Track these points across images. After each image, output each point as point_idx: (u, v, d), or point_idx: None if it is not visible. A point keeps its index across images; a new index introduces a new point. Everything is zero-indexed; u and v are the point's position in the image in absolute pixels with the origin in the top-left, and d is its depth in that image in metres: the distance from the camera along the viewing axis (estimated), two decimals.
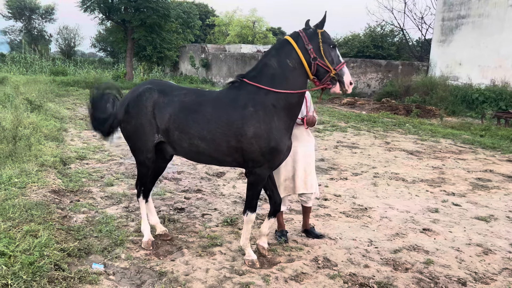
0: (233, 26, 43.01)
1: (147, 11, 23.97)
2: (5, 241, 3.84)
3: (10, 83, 17.57)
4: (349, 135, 12.10)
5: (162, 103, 4.03)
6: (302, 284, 3.81)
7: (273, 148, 3.87)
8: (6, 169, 6.22)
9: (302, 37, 3.92)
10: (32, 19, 52.75)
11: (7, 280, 3.28)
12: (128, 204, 5.61)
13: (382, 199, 6.43)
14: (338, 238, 4.87)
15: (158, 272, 3.87)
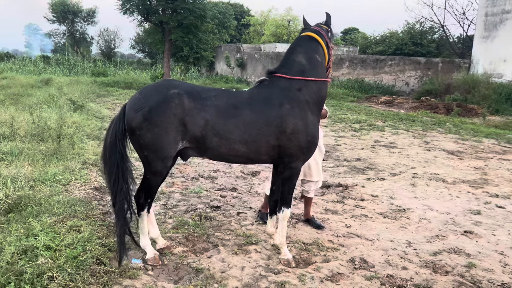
0: (268, 26, 42.98)
1: (184, 12, 24.36)
2: (51, 235, 3.99)
3: (54, 84, 18.26)
4: (387, 135, 11.88)
5: (195, 109, 3.67)
6: (338, 284, 3.77)
7: (310, 142, 3.94)
8: (51, 167, 6.47)
9: (323, 34, 4.14)
10: (75, 22, 54.65)
11: (52, 272, 3.42)
12: (166, 202, 5.71)
13: (421, 200, 6.27)
14: (375, 239, 4.79)
15: (195, 269, 3.92)
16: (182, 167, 7.55)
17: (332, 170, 7.85)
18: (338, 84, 24.65)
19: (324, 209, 5.72)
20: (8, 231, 4.11)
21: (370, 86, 24.86)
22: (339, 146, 10.06)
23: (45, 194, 5.22)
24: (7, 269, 3.34)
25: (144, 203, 4.01)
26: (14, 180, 5.61)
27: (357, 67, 25.99)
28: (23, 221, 4.37)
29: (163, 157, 3.77)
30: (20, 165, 6.44)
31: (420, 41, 31.64)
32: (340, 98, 21.64)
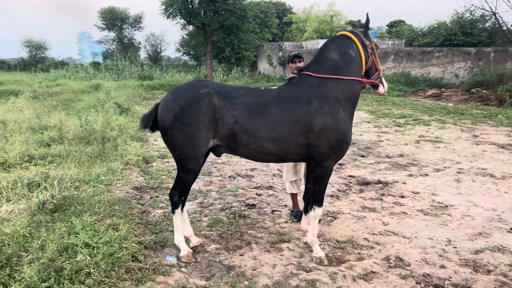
0: (310, 22, 42.60)
1: (224, 13, 24.61)
2: (90, 233, 4.17)
3: (103, 89, 19.01)
4: (433, 129, 11.46)
5: (224, 107, 3.74)
6: (371, 283, 3.69)
7: (340, 140, 3.86)
8: (95, 168, 6.76)
9: (359, 34, 4.10)
10: (123, 29, 56.61)
11: (90, 269, 3.57)
12: (202, 200, 5.81)
13: (465, 196, 6.01)
14: (413, 237, 4.64)
15: (226, 266, 3.97)
16: (220, 166, 7.64)
17: (373, 166, 7.67)
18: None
19: (362, 207, 5.60)
20: (53, 229, 4.33)
21: (417, 79, 24.08)
22: (381, 142, 9.82)
23: (88, 194, 5.46)
24: (48, 265, 3.52)
25: (178, 201, 4.09)
26: (61, 181, 5.91)
27: (403, 60, 25.24)
28: (67, 220, 4.59)
29: (195, 156, 3.85)
30: (67, 167, 6.76)
31: (471, 30, 30.21)
32: (386, 93, 21.07)
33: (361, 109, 15.57)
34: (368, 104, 17.10)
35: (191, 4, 25.32)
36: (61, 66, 35.01)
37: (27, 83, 22.40)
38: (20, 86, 20.78)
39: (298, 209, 5.15)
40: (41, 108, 13.28)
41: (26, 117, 10.82)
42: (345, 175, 7.12)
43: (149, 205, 5.52)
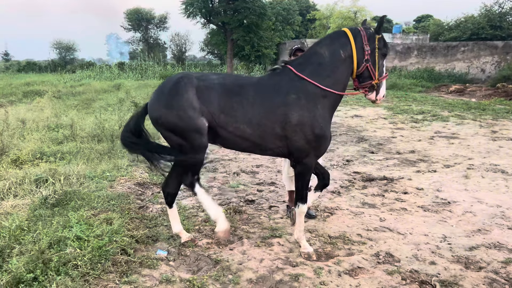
0: (334, 19, 42.13)
1: (244, 12, 24.65)
2: (84, 227, 4.26)
3: (123, 88, 19.38)
4: (450, 125, 11.18)
5: (203, 86, 3.78)
6: (356, 278, 3.65)
7: (318, 135, 3.79)
8: (102, 165, 6.91)
9: (362, 35, 3.88)
10: (148, 29, 57.45)
11: (77, 261, 3.66)
12: None
13: (471, 192, 5.85)
14: (407, 233, 4.56)
15: (214, 260, 3.99)
16: (226, 163, 7.68)
17: (380, 163, 7.56)
18: (405, 74, 23.64)
19: (361, 203, 5.53)
20: (50, 223, 4.45)
21: (440, 75, 23.54)
22: (394, 139, 9.65)
23: (89, 190, 5.59)
24: (37, 257, 3.62)
25: (193, 181, 4.06)
26: (67, 177, 6.07)
27: (427, 56, 24.70)
28: (65, 214, 4.72)
29: (195, 129, 3.75)
30: (76, 163, 6.94)
31: (500, 23, 29.34)
32: (408, 89, 20.72)
33: (379, 105, 15.32)
34: (388, 101, 16.81)
35: (211, 3, 25.49)
36: (88, 67, 35.80)
37: (52, 84, 23.05)
38: (46, 86, 21.40)
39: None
40: (62, 108, 13.65)
41: (44, 116, 11.15)
42: (350, 171, 7.04)
43: (149, 201, 5.61)
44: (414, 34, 34.34)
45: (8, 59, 64.92)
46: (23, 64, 49.48)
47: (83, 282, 3.41)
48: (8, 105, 15.55)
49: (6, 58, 65.77)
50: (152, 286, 3.53)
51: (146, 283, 3.57)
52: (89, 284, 3.41)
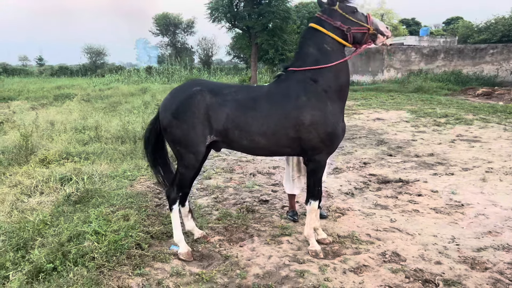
0: None
1: (268, 15, 24.84)
2: (102, 222, 4.50)
3: (149, 92, 19.85)
4: (473, 128, 11.01)
5: (216, 104, 3.90)
6: (360, 276, 3.73)
7: (330, 133, 3.91)
8: (124, 165, 7.19)
9: (325, 19, 3.99)
10: (176, 34, 58.41)
11: (94, 254, 3.88)
12: (217, 195, 6.02)
13: (487, 195, 5.81)
14: (416, 233, 4.59)
15: (224, 256, 4.15)
16: (244, 164, 7.84)
17: (398, 165, 7.56)
18: (432, 77, 23.28)
19: (374, 204, 5.58)
20: (72, 218, 4.71)
21: (468, 77, 23.08)
22: (415, 142, 9.60)
23: (110, 188, 5.85)
24: (57, 249, 3.87)
25: (175, 198, 4.25)
26: (91, 177, 6.35)
27: (454, 58, 24.27)
28: (86, 210, 4.97)
29: (194, 151, 4.02)
30: (99, 163, 7.24)
31: None
32: (433, 92, 20.43)
33: (402, 108, 15.21)
34: (412, 104, 16.63)
35: (236, 8, 25.81)
36: (116, 71, 36.77)
37: (82, 87, 23.80)
38: (76, 90, 22.13)
39: (294, 208, 5.18)
40: (89, 110, 14.13)
41: (72, 118, 11.60)
42: (366, 173, 7.08)
43: (166, 199, 5.80)
44: (442, 37, 33.74)
45: (42, 63, 67.16)
46: (56, 69, 51.15)
47: (98, 273, 3.62)
48: (39, 108, 16.20)
49: (40, 63, 68.06)
50: (163, 278, 3.70)
51: (157, 275, 3.75)
52: (103, 275, 3.61)
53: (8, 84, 25.43)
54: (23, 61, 75.54)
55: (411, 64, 24.92)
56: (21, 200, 5.59)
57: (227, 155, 8.68)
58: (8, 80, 31.53)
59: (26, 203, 5.47)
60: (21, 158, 7.49)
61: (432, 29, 57.74)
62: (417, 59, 24.84)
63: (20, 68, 52.98)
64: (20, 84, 25.87)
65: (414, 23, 56.20)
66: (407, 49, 25.12)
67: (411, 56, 24.87)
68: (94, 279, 3.45)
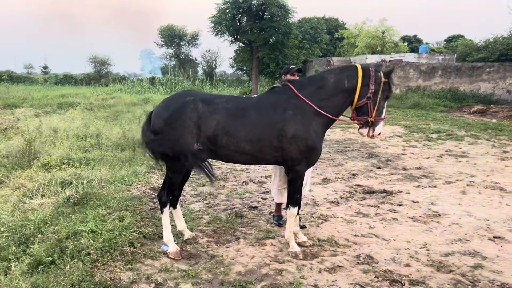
0: (362, 37, 42.51)
1: (269, 30, 25.38)
2: (99, 222, 4.84)
3: (151, 102, 20.27)
4: (463, 144, 11.35)
5: (207, 112, 4.19)
6: (334, 275, 4.04)
7: (310, 147, 4.24)
8: (122, 171, 7.53)
9: (371, 75, 4.28)
10: (180, 45, 59.07)
11: (90, 250, 4.20)
12: (209, 201, 6.35)
13: (464, 206, 6.13)
14: (391, 239, 4.91)
15: (210, 255, 4.47)
16: (238, 173, 8.18)
17: (384, 177, 7.89)
18: (429, 94, 23.69)
19: (356, 212, 5.90)
20: (70, 218, 5.05)
21: (465, 95, 23.46)
22: (404, 155, 9.93)
23: (108, 192, 6.18)
24: (56, 244, 4.20)
25: (166, 201, 4.56)
26: (90, 181, 6.69)
27: (451, 76, 24.70)
28: (84, 211, 5.31)
29: (183, 158, 4.31)
30: (98, 169, 7.59)
31: None
32: (429, 108, 20.80)
33: (398, 123, 15.57)
34: (408, 119, 17.00)
35: (238, 22, 26.40)
36: (120, 81, 37.32)
37: (85, 96, 24.25)
38: (79, 98, 22.57)
39: (280, 213, 5.46)
40: (92, 118, 14.52)
41: (75, 126, 11.98)
42: (353, 184, 7.41)
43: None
44: (441, 54, 34.25)
45: (47, 72, 67.96)
46: (60, 77, 51.73)
47: (93, 266, 3.95)
48: (43, 115, 16.59)
49: (45, 71, 68.87)
50: (152, 273, 4.03)
51: (147, 271, 4.08)
52: (97, 268, 3.94)
53: (13, 92, 25.92)
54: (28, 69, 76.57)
55: (409, 81, 25.36)
56: (23, 201, 5.93)
57: (223, 164, 9.02)
58: (13, 87, 32.06)
59: (28, 204, 5.81)
60: (24, 163, 7.84)
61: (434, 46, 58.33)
62: (415, 75, 25.28)
63: (25, 76, 53.68)
64: (25, 92, 26.36)
65: (416, 40, 56.81)
66: (406, 66, 25.58)
67: (409, 72, 25.32)
68: (89, 272, 3.79)
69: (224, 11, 26.01)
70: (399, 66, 25.63)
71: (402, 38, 52.54)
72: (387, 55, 34.10)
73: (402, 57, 30.54)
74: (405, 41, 54.61)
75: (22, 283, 3.43)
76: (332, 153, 10.26)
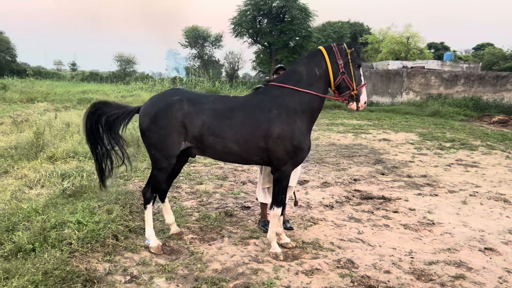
0: (386, 43, 41.96)
1: (289, 33, 25.36)
2: (87, 214, 4.92)
3: None
4: (475, 154, 11.08)
5: (193, 112, 4.20)
6: (310, 278, 4.00)
7: (296, 147, 4.21)
8: (122, 166, 7.63)
9: (335, 51, 4.31)
10: (204, 47, 59.58)
11: (72, 240, 4.28)
12: (203, 199, 6.38)
13: (461, 216, 5.98)
14: (377, 245, 4.83)
15: (191, 252, 4.49)
16: (238, 173, 8.19)
17: (386, 184, 7.77)
18: (450, 102, 23.20)
19: (348, 217, 5.83)
20: (62, 209, 5.15)
21: (487, 104, 22.90)
22: (412, 163, 9.76)
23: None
24: (40, 233, 4.29)
25: (150, 197, 4.58)
26: (90, 174, 6.81)
27: (474, 84, 24.14)
28: (76, 203, 5.41)
29: (168, 156, 4.34)
30: None
31: None
32: (449, 117, 20.38)
33: (413, 131, 15.31)
34: (424, 127, 16.69)
35: (258, 24, 26.46)
36: (142, 79, 37.81)
37: (105, 93, 24.70)
38: (99, 95, 23.00)
39: (266, 218, 5.35)
40: None
41: None
42: (352, 189, 7.32)
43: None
44: (465, 62, 33.50)
45: (75, 68, 69.57)
46: (87, 74, 52.84)
47: (71, 256, 4.02)
48: (62, 110, 16.98)
49: (73, 68, 70.50)
50: (129, 266, 4.07)
51: (125, 263, 4.13)
52: (75, 258, 4.01)
53: (37, 87, 26.60)
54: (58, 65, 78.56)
55: (431, 88, 24.90)
56: (22, 191, 6.09)
57: (226, 163, 9.04)
58: (39, 82, 32.93)
59: (27, 194, 5.96)
60: (31, 154, 8.05)
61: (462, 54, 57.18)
62: (437, 83, 24.81)
63: (53, 72, 55.11)
64: (49, 87, 27.01)
65: (443, 48, 55.84)
66: (427, 73, 25.13)
67: (430, 80, 24.85)
68: (64, 261, 3.85)
69: (245, 13, 26.11)
70: (421, 73, 25.20)
71: (428, 45, 51.71)
72: (410, 61, 33.51)
73: (424, 64, 30.00)
74: (432, 48, 53.70)
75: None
76: (338, 157, 10.16)
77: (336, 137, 13.48)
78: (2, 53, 50.24)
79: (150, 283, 3.79)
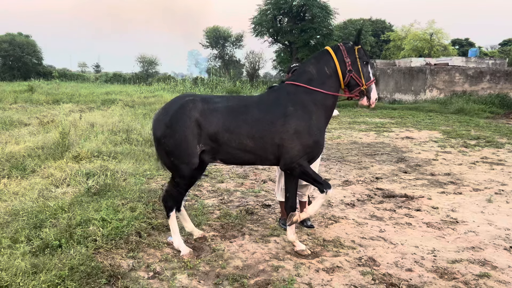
0: (409, 40, 41.43)
1: (310, 31, 25.25)
2: (111, 212, 5.03)
3: None
4: (501, 152, 10.83)
5: (208, 110, 4.16)
6: (331, 275, 4.00)
7: (313, 142, 4.24)
8: (145, 165, 7.77)
9: (342, 50, 4.38)
10: (225, 47, 59.88)
11: (97, 237, 4.38)
12: (224, 197, 6.43)
13: (486, 215, 5.87)
14: (399, 243, 4.79)
15: (212, 249, 4.54)
16: (258, 171, 8.22)
17: (409, 182, 7.68)
18: (475, 99, 22.71)
19: (370, 215, 5.79)
20: (87, 207, 5.28)
21: None
22: (435, 161, 9.61)
23: (127, 184, 6.40)
24: (66, 230, 4.41)
25: (172, 206, 4.52)
26: (114, 173, 6.95)
27: (500, 81, 23.59)
28: (101, 201, 5.53)
29: (188, 161, 4.24)
30: (125, 162, 7.87)
31: None
32: (474, 114, 19.96)
33: (437, 128, 15.07)
34: (448, 125, 16.40)
35: (279, 23, 26.43)
36: (164, 80, 38.23)
37: (129, 94, 25.08)
38: (123, 96, 23.38)
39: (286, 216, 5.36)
40: (130, 115, 15.02)
41: (111, 121, 12.44)
42: (374, 187, 7.27)
43: None
44: (491, 58, 32.73)
45: (99, 70, 70.93)
46: (110, 76, 53.78)
47: (96, 252, 4.12)
48: (87, 111, 17.35)
49: (97, 70, 71.89)
50: (152, 262, 4.15)
51: (148, 260, 4.21)
52: (100, 254, 4.11)
53: (62, 88, 27.22)
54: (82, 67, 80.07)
55: (455, 85, 24.44)
56: (49, 190, 6.25)
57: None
58: (64, 84, 33.71)
59: (53, 192, 6.12)
60: (57, 154, 8.25)
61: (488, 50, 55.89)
62: (461, 80, 24.33)
63: (78, 74, 56.24)
64: (74, 89, 27.61)
65: (468, 44, 54.74)
66: (451, 70, 24.68)
67: (455, 77, 24.39)
68: (90, 257, 3.95)
69: (265, 12, 26.12)
70: (445, 70, 24.75)
71: (452, 42, 50.81)
72: (434, 58, 32.96)
73: (448, 60, 29.46)
74: (456, 45, 52.71)
75: (22, 262, 3.63)
76: (360, 156, 10.09)
77: (358, 136, 13.38)
78: (29, 56, 51.58)
79: (172, 279, 3.85)
